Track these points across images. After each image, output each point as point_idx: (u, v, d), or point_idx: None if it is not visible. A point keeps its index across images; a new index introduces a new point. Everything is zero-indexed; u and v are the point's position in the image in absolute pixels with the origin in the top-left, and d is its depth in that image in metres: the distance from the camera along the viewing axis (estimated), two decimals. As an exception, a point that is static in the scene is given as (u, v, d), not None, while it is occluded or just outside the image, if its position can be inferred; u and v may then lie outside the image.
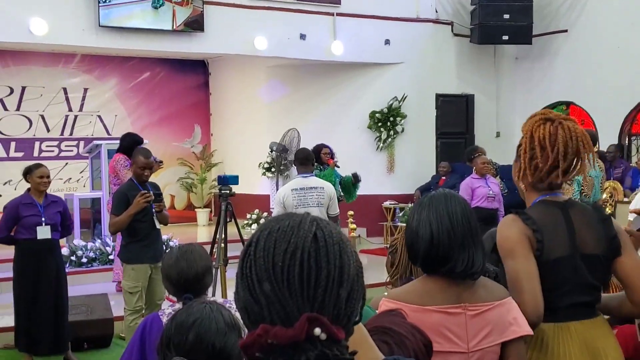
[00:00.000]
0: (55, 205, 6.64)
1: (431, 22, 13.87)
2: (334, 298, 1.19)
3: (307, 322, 1.13)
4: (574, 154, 2.65)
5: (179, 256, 3.32)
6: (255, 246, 1.23)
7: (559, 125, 2.67)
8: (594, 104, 13.20)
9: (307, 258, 1.18)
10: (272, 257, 1.19)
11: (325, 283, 1.18)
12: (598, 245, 2.67)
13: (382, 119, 13.60)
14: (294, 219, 1.25)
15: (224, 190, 7.14)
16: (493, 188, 9.08)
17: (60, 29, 10.46)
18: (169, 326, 2.31)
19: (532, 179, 2.72)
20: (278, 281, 1.18)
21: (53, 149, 13.98)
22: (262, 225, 1.28)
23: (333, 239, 1.23)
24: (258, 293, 1.19)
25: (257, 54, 12.30)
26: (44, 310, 6.50)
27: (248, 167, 13.99)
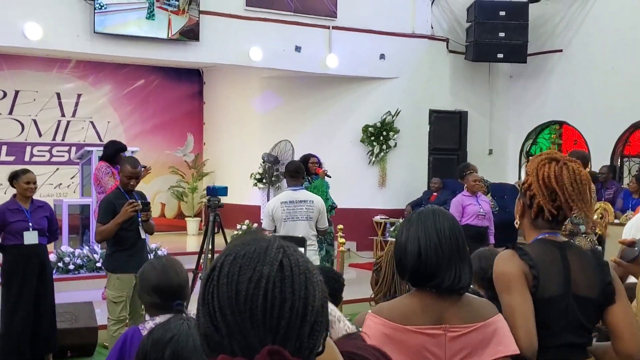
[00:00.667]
0: (41, 210, 6.63)
1: (426, 38, 13.90)
2: (296, 330, 1.16)
3: (268, 355, 1.10)
4: (580, 195, 2.66)
5: (165, 265, 3.29)
6: (219, 271, 1.19)
7: (563, 166, 2.68)
8: (587, 124, 13.23)
9: (271, 288, 1.15)
10: (236, 285, 1.16)
11: (289, 315, 1.15)
12: (592, 289, 2.65)
13: (375, 133, 13.59)
14: (260, 245, 1.21)
15: (212, 201, 7.13)
16: (484, 206, 9.07)
17: (54, 34, 10.44)
18: (146, 342, 2.29)
19: (534, 217, 2.73)
20: (240, 311, 1.14)
21: (44, 154, 13.93)
22: (227, 249, 1.24)
23: (299, 268, 1.19)
24: (219, 321, 1.15)
25: (252, 65, 12.29)
26: (27, 315, 6.46)
27: (240, 177, 13.96)
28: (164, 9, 11.10)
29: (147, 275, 3.30)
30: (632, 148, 13.25)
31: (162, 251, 10.86)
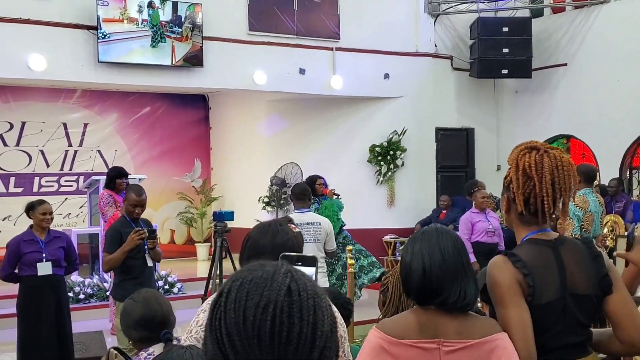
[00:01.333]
0: (58, 241, 6.65)
1: (430, 56, 13.91)
2: (305, 355, 1.14)
3: None
4: (560, 183, 2.61)
5: (146, 298, 3.31)
6: (226, 297, 1.18)
7: (544, 153, 2.64)
8: (594, 137, 13.18)
9: (279, 313, 1.13)
10: (243, 311, 1.14)
11: (297, 340, 1.13)
12: (589, 284, 2.62)
13: (382, 153, 13.58)
14: (267, 270, 1.20)
15: (219, 226, 7.11)
16: (493, 222, 9.03)
17: (58, 65, 10.49)
18: (150, 372, 2.26)
19: (519, 210, 2.66)
20: (248, 336, 1.12)
21: (52, 184, 13.97)
22: (235, 274, 1.23)
23: (307, 293, 1.17)
24: (227, 347, 1.13)
25: (257, 89, 12.32)
26: (46, 347, 6.46)
27: (248, 200, 13.95)
28: (167, 36, 11.15)
29: (130, 310, 3.31)
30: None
31: (172, 277, 10.85)
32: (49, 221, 6.57)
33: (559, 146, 12.41)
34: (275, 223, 2.95)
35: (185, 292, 10.60)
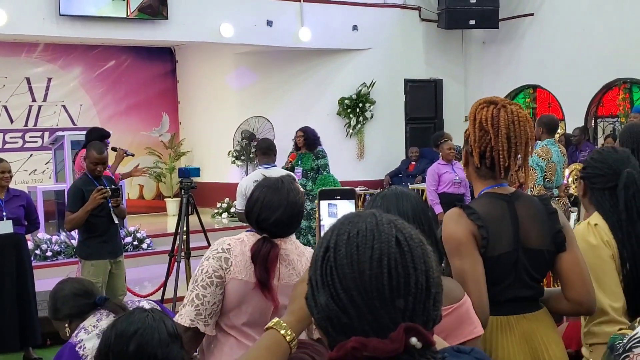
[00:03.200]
0: (17, 200, 6.58)
1: (398, 7, 13.82)
2: (422, 304, 1.16)
3: (404, 332, 1.10)
4: (516, 137, 2.61)
5: (66, 279, 3.46)
6: (334, 252, 1.18)
7: (502, 108, 2.64)
8: (560, 87, 13.25)
9: (394, 265, 1.15)
10: (358, 265, 1.15)
11: (415, 290, 1.15)
12: (542, 239, 2.65)
13: (352, 105, 13.55)
14: (368, 221, 1.20)
15: (185, 183, 7.09)
16: (459, 173, 9.09)
17: (19, 19, 10.25)
18: (109, 334, 2.25)
19: (476, 164, 2.68)
20: (367, 290, 1.14)
21: (17, 140, 13.77)
22: (336, 228, 1.22)
23: (414, 241, 1.19)
24: (346, 303, 1.14)
25: (224, 41, 12.17)
26: (7, 305, 6.42)
27: (217, 155, 13.91)
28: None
29: (60, 288, 3.34)
30: (605, 109, 13.29)
31: (141, 233, 10.82)
32: (7, 180, 6.49)
33: (526, 96, 12.47)
34: (288, 181, 2.94)
35: (155, 248, 10.59)
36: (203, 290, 2.78)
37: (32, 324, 6.60)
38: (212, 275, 2.80)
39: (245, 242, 2.88)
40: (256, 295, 2.84)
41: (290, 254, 2.91)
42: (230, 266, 2.82)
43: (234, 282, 2.82)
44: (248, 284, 2.82)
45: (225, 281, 2.82)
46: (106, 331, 2.27)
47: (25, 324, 6.54)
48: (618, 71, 12.31)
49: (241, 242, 2.88)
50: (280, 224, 2.86)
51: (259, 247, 2.82)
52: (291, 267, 2.90)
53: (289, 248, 2.91)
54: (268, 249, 2.81)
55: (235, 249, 2.85)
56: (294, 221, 2.89)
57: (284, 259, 2.88)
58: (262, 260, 2.80)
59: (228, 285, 2.82)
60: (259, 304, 2.86)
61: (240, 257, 2.83)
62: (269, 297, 2.83)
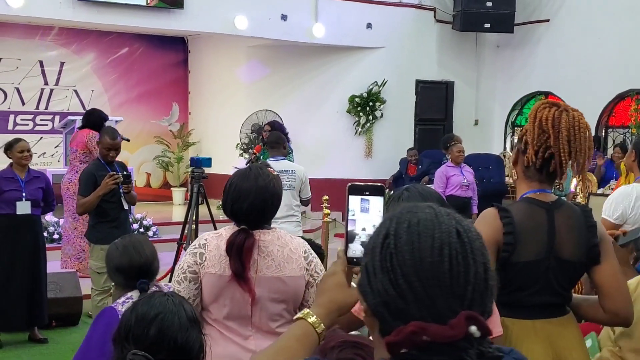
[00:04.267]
0: (37, 181, 6.62)
1: (414, 7, 13.81)
2: (480, 294, 1.18)
3: (465, 320, 1.12)
4: (576, 143, 2.59)
5: (126, 245, 3.33)
6: (394, 239, 1.20)
7: (564, 111, 2.63)
8: (572, 94, 13.19)
9: (455, 255, 1.17)
10: (419, 252, 1.17)
11: (474, 280, 1.17)
12: (576, 251, 2.64)
13: (362, 104, 13.56)
14: (427, 212, 1.23)
15: (196, 172, 7.10)
16: (467, 176, 9.12)
17: (36, 1, 10.29)
18: (129, 317, 2.25)
19: (527, 162, 2.65)
20: (427, 277, 1.16)
21: (28, 123, 13.80)
22: (395, 217, 1.24)
23: (473, 234, 1.21)
24: (404, 288, 1.16)
25: (237, 34, 12.18)
26: (18, 285, 6.46)
27: (226, 147, 13.90)
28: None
29: (111, 256, 3.34)
30: (617, 119, 13.27)
31: (147, 221, 10.84)
32: (27, 159, 6.52)
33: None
34: (256, 167, 3.00)
35: (160, 236, 10.60)
36: (178, 285, 2.87)
37: (40, 304, 6.64)
38: (187, 271, 2.88)
39: (222, 236, 2.91)
40: (233, 288, 2.86)
41: (270, 245, 2.91)
42: (205, 261, 2.87)
43: (208, 277, 2.86)
44: (222, 278, 2.85)
45: (200, 276, 2.87)
46: (126, 313, 2.28)
47: (34, 304, 6.58)
48: (631, 82, 12.29)
49: (218, 237, 2.92)
50: (254, 211, 2.88)
51: (234, 239, 2.84)
52: (270, 259, 2.90)
53: (269, 239, 2.92)
54: (242, 239, 2.83)
55: (211, 243, 2.89)
56: (267, 206, 2.90)
57: (262, 250, 2.89)
58: (236, 251, 2.82)
59: (203, 280, 2.87)
60: (236, 297, 2.88)
61: (214, 251, 2.87)
62: (245, 289, 2.84)
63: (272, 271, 2.90)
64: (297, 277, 2.94)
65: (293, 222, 6.59)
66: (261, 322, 2.93)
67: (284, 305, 2.96)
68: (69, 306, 7.20)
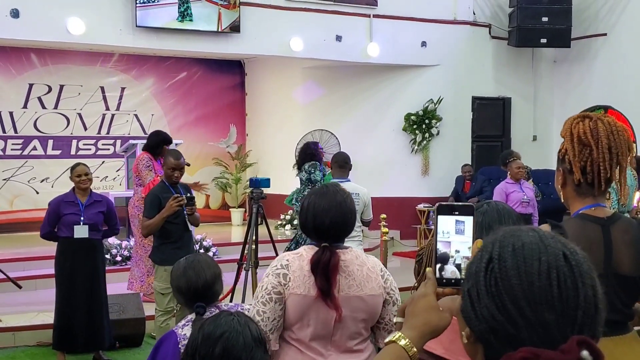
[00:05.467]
0: (98, 205, 6.66)
1: (468, 24, 13.77)
2: (591, 319, 1.17)
3: (577, 345, 1.11)
4: (617, 147, 2.56)
5: (187, 266, 3.34)
6: (499, 262, 1.20)
7: (598, 120, 2.60)
8: (632, 108, 12.99)
9: (563, 278, 1.16)
10: (527, 277, 1.16)
11: (585, 304, 1.16)
12: (635, 266, 2.60)
13: (418, 121, 13.54)
14: (531, 235, 1.23)
15: (255, 193, 7.17)
16: (527, 193, 9.00)
17: (97, 29, 10.57)
18: (196, 336, 2.31)
19: (577, 180, 2.61)
20: (537, 302, 1.15)
21: (90, 147, 14.13)
22: (497, 240, 1.24)
23: (580, 257, 1.21)
24: (513, 314, 1.16)
25: (293, 55, 12.31)
26: (78, 308, 6.57)
27: (282, 167, 13.99)
28: (214, 2, 11.21)
29: (173, 275, 3.37)
30: (679, 132, 12.97)
31: (207, 242, 10.97)
32: (85, 182, 6.60)
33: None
34: (333, 185, 3.08)
35: (220, 256, 10.72)
36: (263, 306, 2.87)
37: (102, 328, 6.71)
38: (271, 292, 2.88)
39: (303, 256, 2.93)
40: (317, 307, 2.88)
41: (350, 264, 2.94)
42: (289, 282, 2.88)
43: (293, 297, 2.88)
44: (307, 298, 2.87)
45: (285, 297, 2.88)
46: (193, 332, 2.34)
47: (95, 327, 6.67)
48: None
49: (299, 257, 2.94)
50: (336, 226, 2.93)
51: (319, 257, 2.87)
52: (351, 278, 2.92)
53: (348, 259, 2.95)
54: (328, 257, 2.86)
55: (294, 264, 2.91)
56: (347, 221, 2.97)
57: (343, 270, 2.91)
58: (322, 269, 2.85)
59: (287, 301, 2.88)
60: (321, 316, 2.89)
61: (298, 272, 2.89)
62: (332, 306, 2.86)
63: (353, 290, 2.92)
64: (376, 295, 2.97)
65: (356, 241, 6.59)
66: (341, 340, 2.95)
67: (364, 323, 2.98)
68: (132, 327, 7.30)
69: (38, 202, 12.71)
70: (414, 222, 13.54)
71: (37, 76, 13.53)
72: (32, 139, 13.63)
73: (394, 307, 3.02)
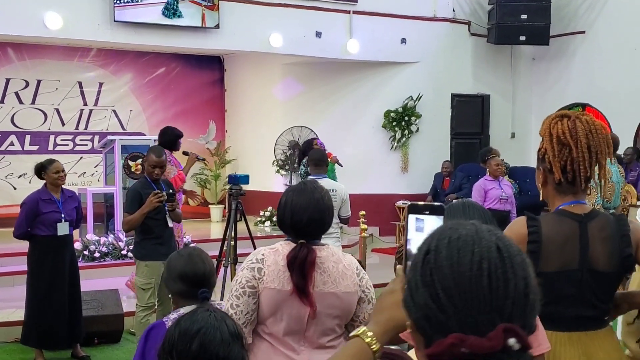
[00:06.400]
0: (71, 201, 6.68)
1: (448, 21, 13.81)
2: (520, 308, 1.19)
3: (502, 332, 1.14)
4: (596, 146, 2.59)
5: (191, 253, 3.32)
6: (435, 254, 1.23)
7: (576, 119, 2.62)
8: (610, 106, 13.10)
9: (494, 269, 1.18)
10: (458, 267, 1.19)
11: (514, 294, 1.18)
12: (611, 262, 2.62)
13: (397, 118, 13.57)
14: (468, 228, 1.25)
15: (234, 189, 7.15)
16: (506, 190, 9.05)
17: (75, 24, 10.50)
18: (172, 332, 2.29)
19: (557, 179, 2.63)
20: (466, 291, 1.18)
21: (68, 143, 14.02)
22: (437, 233, 1.27)
23: (514, 250, 1.23)
24: (444, 302, 1.18)
25: (273, 51, 12.29)
26: (59, 304, 6.54)
27: (262, 164, 13.99)
28: (197, 3, 11.19)
29: (174, 263, 3.31)
30: (656, 130, 13.10)
31: (186, 238, 10.91)
32: (63, 179, 6.57)
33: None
34: (310, 182, 3.08)
35: (198, 253, 10.67)
36: (237, 300, 2.88)
37: (79, 322, 6.71)
38: (245, 286, 2.89)
39: (279, 251, 2.94)
40: (291, 303, 2.89)
41: (326, 261, 2.95)
42: (263, 276, 2.89)
43: (267, 292, 2.89)
44: (281, 293, 2.88)
45: (259, 291, 2.89)
46: (170, 329, 2.31)
47: (74, 322, 6.66)
48: (670, 92, 12.16)
49: (275, 252, 2.95)
50: (314, 223, 2.93)
51: (296, 253, 2.88)
52: (326, 275, 2.93)
53: (324, 256, 2.96)
54: (305, 254, 2.88)
55: (269, 258, 2.92)
56: (325, 218, 2.97)
57: (318, 266, 2.92)
58: (299, 265, 2.86)
59: (261, 295, 2.90)
60: (295, 311, 2.90)
61: (273, 266, 2.90)
62: (307, 303, 2.88)
63: (328, 287, 2.93)
64: (351, 292, 2.98)
65: (333, 237, 6.60)
66: (314, 336, 2.96)
67: (338, 320, 3.00)
68: (111, 323, 7.26)
69: (15, 198, 12.56)
70: (393, 218, 13.57)
71: (14, 71, 13.41)
72: (9, 134, 13.51)
73: (369, 305, 3.03)
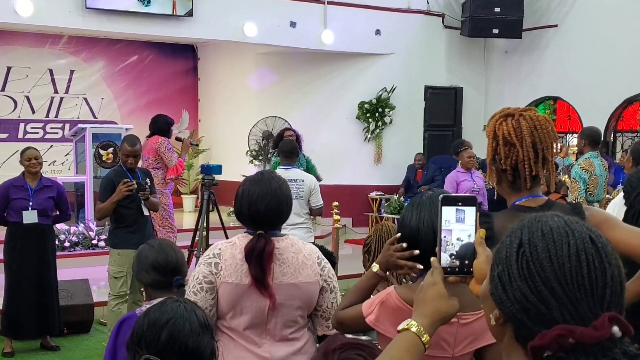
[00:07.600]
0: (48, 190, 6.58)
1: (422, 13, 13.84)
2: (618, 297, 1.23)
3: (608, 321, 1.17)
4: (542, 142, 2.57)
5: (161, 243, 3.32)
6: (530, 246, 1.26)
7: (519, 117, 2.59)
8: (581, 99, 13.23)
9: (592, 260, 1.23)
10: (557, 259, 1.23)
11: (612, 283, 1.22)
12: None
13: (371, 110, 13.58)
14: (556, 220, 1.30)
15: (207, 180, 7.13)
16: (478, 182, 9.11)
17: (46, 10, 10.35)
18: (141, 323, 2.27)
19: (510, 179, 2.61)
20: (568, 282, 1.21)
21: (38, 131, 13.87)
22: (525, 226, 1.31)
23: (604, 240, 1.27)
24: (545, 295, 1.22)
25: (247, 41, 12.23)
26: (27, 294, 6.49)
27: (236, 154, 13.94)
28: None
29: (145, 254, 3.29)
30: (625, 123, 13.27)
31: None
32: (35, 166, 6.50)
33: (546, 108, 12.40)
34: (268, 172, 3.05)
35: (170, 243, 10.63)
36: (194, 296, 2.85)
37: (51, 314, 6.65)
38: (202, 282, 2.87)
39: (237, 244, 2.91)
40: (251, 296, 2.87)
41: (285, 252, 2.92)
42: (220, 270, 2.86)
43: (224, 286, 2.86)
44: (239, 287, 2.86)
45: (216, 286, 2.86)
46: (139, 319, 2.29)
47: (43, 313, 6.60)
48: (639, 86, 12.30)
49: (232, 245, 2.92)
50: (271, 212, 2.90)
51: (254, 245, 2.85)
52: (285, 266, 2.91)
53: (283, 246, 2.93)
54: (262, 245, 2.84)
55: (226, 252, 2.89)
56: (283, 208, 2.94)
57: (277, 257, 2.89)
58: (256, 257, 2.83)
59: (219, 290, 2.87)
60: (254, 304, 2.88)
61: (230, 260, 2.87)
62: (266, 295, 2.85)
63: (288, 278, 2.90)
64: (312, 282, 2.96)
65: (303, 228, 6.59)
66: (276, 329, 2.94)
67: (300, 311, 2.97)
68: (81, 313, 7.22)
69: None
70: (366, 209, 13.61)
71: (-16, 58, 13.24)
72: (-21, 121, 13.34)
73: (331, 295, 3.02)
